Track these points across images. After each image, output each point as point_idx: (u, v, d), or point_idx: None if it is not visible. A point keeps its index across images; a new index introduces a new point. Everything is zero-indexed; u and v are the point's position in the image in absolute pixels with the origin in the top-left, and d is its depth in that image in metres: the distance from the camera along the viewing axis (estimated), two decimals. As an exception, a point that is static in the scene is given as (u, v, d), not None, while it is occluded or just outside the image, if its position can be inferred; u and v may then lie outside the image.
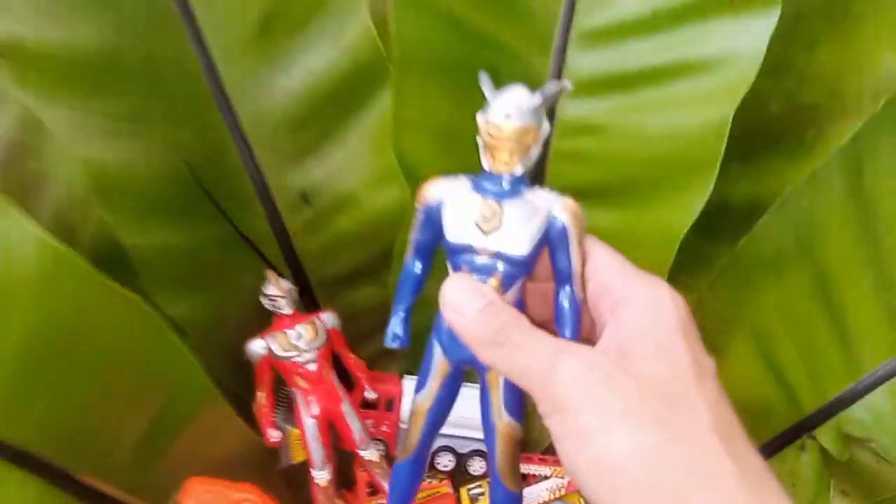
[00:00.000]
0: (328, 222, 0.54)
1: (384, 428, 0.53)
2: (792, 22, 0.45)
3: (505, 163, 0.27)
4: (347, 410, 0.49)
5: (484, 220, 0.27)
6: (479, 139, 0.28)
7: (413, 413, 0.31)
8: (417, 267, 0.30)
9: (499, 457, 0.30)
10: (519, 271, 0.28)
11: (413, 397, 0.31)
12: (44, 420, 0.41)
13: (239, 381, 0.49)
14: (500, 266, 0.28)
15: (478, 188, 0.28)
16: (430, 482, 0.53)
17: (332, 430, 0.49)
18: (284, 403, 0.51)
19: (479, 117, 0.27)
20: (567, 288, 0.28)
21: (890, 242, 0.43)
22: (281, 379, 0.49)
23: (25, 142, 0.46)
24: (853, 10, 0.50)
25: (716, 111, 0.43)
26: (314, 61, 0.49)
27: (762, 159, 0.50)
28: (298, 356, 0.48)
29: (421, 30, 0.44)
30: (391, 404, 0.53)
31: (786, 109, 0.51)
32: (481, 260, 0.28)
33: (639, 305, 0.26)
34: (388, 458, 0.52)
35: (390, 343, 0.30)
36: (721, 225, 0.46)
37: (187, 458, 0.47)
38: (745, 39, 0.43)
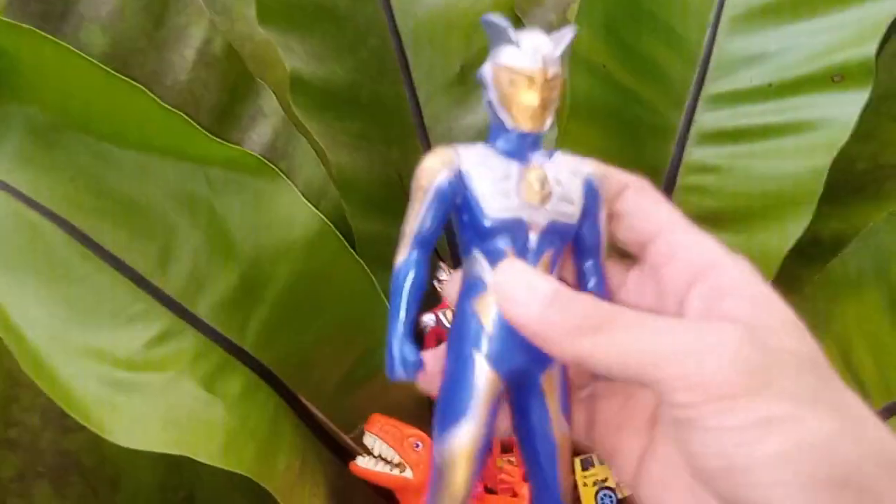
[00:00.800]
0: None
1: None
2: (880, 99, 0.54)
3: (536, 118, 0.22)
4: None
5: (532, 187, 0.22)
6: (491, 94, 0.23)
7: (454, 461, 0.22)
8: (421, 265, 0.23)
9: (562, 473, 0.23)
10: (564, 245, 0.23)
11: (448, 442, 0.22)
12: (286, 349, 0.50)
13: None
14: (548, 242, 0.23)
15: (504, 152, 0.23)
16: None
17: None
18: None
19: (498, 64, 0.22)
20: (591, 263, 0.24)
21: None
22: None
23: (278, 146, 0.60)
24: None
25: (814, 161, 0.53)
26: (495, 105, 0.63)
27: (848, 204, 0.60)
28: (461, 328, 0.60)
29: (587, 86, 0.56)
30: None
31: (870, 167, 0.60)
32: (529, 237, 0.22)
33: (733, 274, 0.22)
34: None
35: (401, 374, 0.23)
36: (812, 252, 0.55)
37: (372, 397, 0.55)
38: (842, 109, 0.52)
